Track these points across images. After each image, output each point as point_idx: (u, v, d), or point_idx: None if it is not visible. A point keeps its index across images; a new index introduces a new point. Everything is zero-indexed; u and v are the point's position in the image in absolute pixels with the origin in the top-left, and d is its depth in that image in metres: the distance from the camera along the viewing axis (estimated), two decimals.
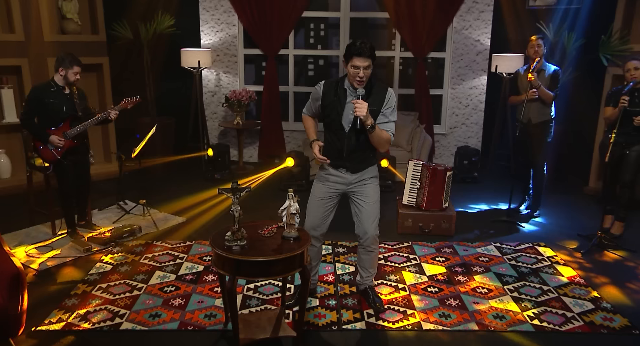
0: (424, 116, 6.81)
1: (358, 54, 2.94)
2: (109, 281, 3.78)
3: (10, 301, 2.67)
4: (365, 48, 2.94)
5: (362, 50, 2.93)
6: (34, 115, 4.29)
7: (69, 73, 4.22)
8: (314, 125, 3.35)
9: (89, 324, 3.23)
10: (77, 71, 4.24)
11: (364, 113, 2.94)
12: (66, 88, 4.32)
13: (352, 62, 2.97)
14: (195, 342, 3.07)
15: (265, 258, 2.70)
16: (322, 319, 3.32)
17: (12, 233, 4.62)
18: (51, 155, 4.31)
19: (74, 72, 4.22)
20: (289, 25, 6.66)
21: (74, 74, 4.23)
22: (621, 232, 4.74)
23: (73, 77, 4.25)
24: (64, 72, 4.22)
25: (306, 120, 3.38)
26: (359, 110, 2.93)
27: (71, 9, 5.94)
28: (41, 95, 4.24)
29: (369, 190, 3.28)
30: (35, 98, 4.24)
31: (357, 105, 2.94)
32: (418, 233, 4.72)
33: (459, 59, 6.84)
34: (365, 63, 2.95)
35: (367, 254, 3.42)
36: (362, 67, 2.96)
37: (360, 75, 2.97)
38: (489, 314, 3.42)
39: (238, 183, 2.78)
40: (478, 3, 6.66)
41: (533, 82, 4.77)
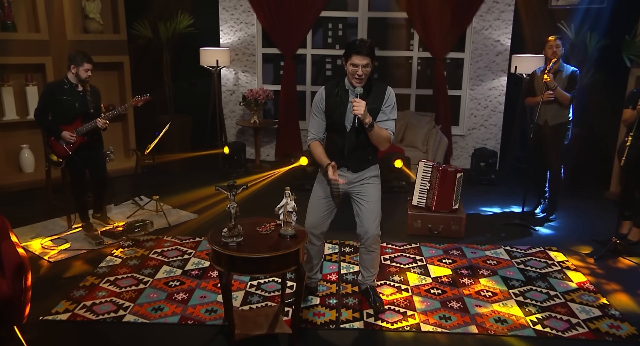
0: (442, 117, 6.74)
1: (357, 52, 2.96)
2: (117, 274, 3.87)
3: (14, 290, 2.76)
4: (364, 46, 2.95)
5: (360, 49, 2.95)
6: (47, 112, 4.42)
7: (80, 70, 4.32)
8: (323, 150, 3.24)
9: (94, 315, 3.31)
10: (87, 68, 4.34)
11: (362, 111, 2.95)
12: (79, 86, 4.43)
13: (351, 60, 2.99)
14: (194, 336, 3.12)
15: (260, 255, 2.73)
16: (320, 317, 3.34)
17: (30, 225, 4.78)
18: (63, 150, 4.43)
19: (84, 69, 4.32)
20: (306, 25, 6.69)
21: (84, 71, 4.33)
22: (639, 239, 4.61)
23: (84, 74, 4.35)
24: (75, 70, 4.33)
25: (315, 147, 3.23)
26: (357, 108, 2.94)
27: (94, 8, 6.09)
28: (54, 93, 4.36)
29: (370, 189, 3.28)
30: (48, 96, 4.37)
31: (355, 104, 2.95)
32: (427, 234, 4.68)
33: (478, 60, 6.75)
34: (363, 61, 2.96)
35: (369, 254, 3.42)
36: (360, 65, 2.97)
37: (358, 73, 2.98)
38: (490, 318, 3.38)
39: (235, 180, 2.82)
40: (499, 3, 6.56)
41: (549, 83, 4.68)
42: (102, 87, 6.30)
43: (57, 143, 4.43)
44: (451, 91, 6.89)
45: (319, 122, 3.22)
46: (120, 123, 6.55)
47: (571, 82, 4.78)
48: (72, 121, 4.42)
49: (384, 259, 4.20)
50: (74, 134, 4.38)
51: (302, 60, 7.05)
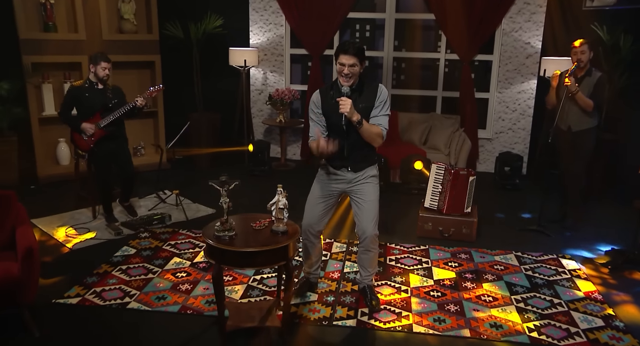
0: (468, 120, 6.66)
1: (344, 51, 3.04)
2: (130, 263, 4.06)
3: (23, 272, 2.97)
4: (351, 47, 3.05)
5: (347, 48, 3.03)
6: (70, 110, 4.71)
7: (98, 69, 4.56)
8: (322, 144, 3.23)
9: (101, 301, 3.50)
10: (105, 66, 4.57)
11: (348, 109, 3.00)
12: (99, 84, 4.66)
13: (339, 59, 3.07)
14: (190, 325, 3.25)
15: (248, 249, 2.83)
16: (315, 314, 3.40)
17: (59, 214, 5.06)
18: (85, 144, 4.68)
19: (102, 68, 4.56)
20: (333, 27, 6.75)
21: (102, 69, 4.57)
22: None
23: (102, 72, 4.58)
24: (94, 69, 4.58)
25: (314, 144, 3.24)
26: (342, 107, 3.01)
27: (128, 10, 6.37)
28: (76, 92, 4.65)
29: (368, 189, 3.33)
30: (70, 95, 4.68)
31: (341, 103, 3.02)
32: (438, 237, 4.66)
33: (507, 62, 6.63)
34: (350, 61, 3.03)
35: (366, 253, 3.46)
36: (347, 64, 3.04)
37: (345, 71, 3.06)
38: (486, 322, 3.35)
39: (228, 176, 2.93)
40: (530, 4, 6.43)
41: (570, 87, 4.57)
42: (135, 84, 6.64)
43: (80, 138, 4.68)
44: (479, 94, 6.79)
45: (318, 125, 3.28)
46: (151, 120, 6.81)
47: (598, 88, 4.64)
48: (92, 116, 4.66)
49: (389, 260, 4.23)
50: (93, 126, 4.62)
51: (330, 61, 7.11)
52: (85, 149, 4.72)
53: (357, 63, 3.07)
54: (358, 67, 3.09)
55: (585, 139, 4.78)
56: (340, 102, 3.04)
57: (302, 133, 7.25)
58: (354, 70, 3.08)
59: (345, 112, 3.02)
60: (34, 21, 5.98)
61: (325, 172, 3.36)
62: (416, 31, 7.03)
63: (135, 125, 6.68)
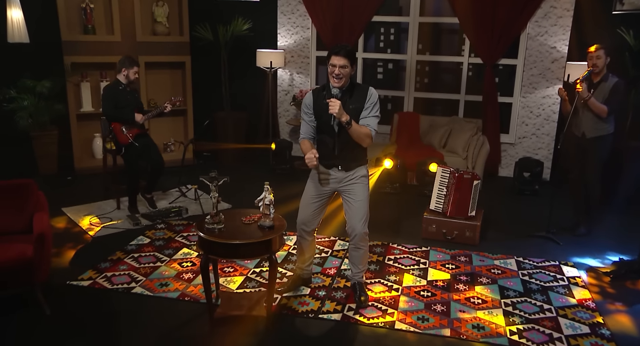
0: (490, 124, 6.64)
1: (335, 53, 3.20)
2: (142, 252, 4.35)
3: (36, 254, 3.27)
4: (342, 49, 3.20)
5: (338, 50, 3.19)
6: (114, 107, 5.03)
7: (130, 72, 4.89)
8: (311, 144, 3.45)
9: (110, 284, 3.79)
10: (136, 71, 4.92)
11: (336, 110, 3.14)
12: (128, 87, 5.00)
13: (330, 60, 3.22)
14: (185, 311, 3.48)
15: (233, 242, 3.03)
16: (304, 306, 3.56)
17: (87, 204, 5.43)
18: (125, 138, 5.02)
19: (133, 72, 4.90)
20: (358, 30, 6.88)
21: (133, 73, 4.91)
22: None
23: (133, 76, 4.93)
24: (126, 72, 4.90)
25: (304, 142, 3.45)
26: (332, 107, 3.15)
27: (161, 13, 6.73)
28: (112, 93, 4.98)
29: (358, 189, 3.45)
30: (109, 95, 5.00)
31: (331, 104, 3.16)
32: (441, 239, 4.72)
33: (531, 67, 6.57)
34: (340, 62, 3.17)
35: (356, 251, 3.59)
36: (338, 65, 3.18)
37: (335, 72, 3.20)
38: (469, 323, 3.42)
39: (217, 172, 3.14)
40: (556, 8, 6.34)
41: (581, 93, 4.53)
42: (167, 83, 7.01)
43: (120, 133, 5.02)
44: (503, 98, 6.76)
45: (308, 125, 3.44)
46: (181, 118, 7.15)
47: (613, 94, 4.58)
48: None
49: (387, 259, 4.33)
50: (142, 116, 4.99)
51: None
52: (125, 143, 5.06)
53: (347, 64, 3.21)
54: (349, 68, 3.23)
55: (600, 146, 4.72)
56: (330, 103, 3.18)
57: None
58: (345, 71, 3.22)
59: (334, 112, 3.17)
60: (75, 24, 6.42)
61: (318, 172, 3.51)
62: (440, 35, 7.06)
63: (166, 123, 7.05)
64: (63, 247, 4.43)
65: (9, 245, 3.36)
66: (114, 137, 5.10)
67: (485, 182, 6.50)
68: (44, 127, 6.39)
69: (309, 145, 3.42)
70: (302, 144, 3.45)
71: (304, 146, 3.43)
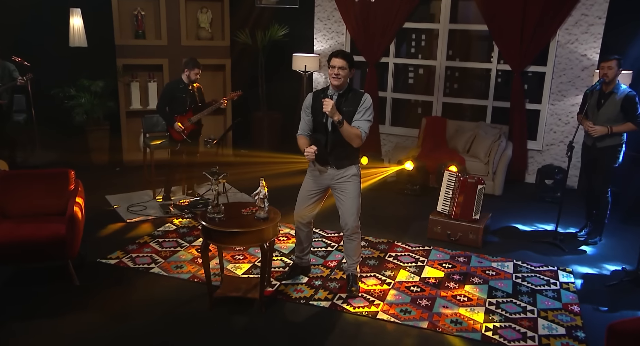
0: (516, 130, 6.71)
1: (335, 55, 3.54)
2: (166, 237, 4.84)
3: (68, 233, 3.80)
4: (341, 52, 3.55)
5: (337, 53, 3.54)
6: (166, 106, 5.54)
7: (191, 73, 5.39)
8: (307, 141, 3.77)
9: (132, 264, 4.29)
10: (197, 72, 5.42)
11: (328, 109, 3.46)
12: (190, 85, 5.50)
13: (331, 62, 3.55)
14: (191, 290, 3.91)
15: (228, 230, 3.42)
16: (298, 293, 3.91)
17: (128, 193, 6.01)
18: (179, 135, 5.54)
19: (194, 73, 5.40)
20: (389, 36, 7.12)
21: (195, 74, 5.41)
22: None
23: (194, 76, 5.42)
24: (188, 72, 5.41)
25: (300, 138, 3.78)
26: (325, 106, 3.47)
27: (205, 19, 7.26)
28: (172, 90, 5.48)
29: (350, 187, 3.75)
30: (166, 93, 5.51)
31: (324, 103, 3.48)
32: (446, 240, 4.92)
33: (561, 74, 6.57)
34: (339, 63, 3.50)
35: (350, 242, 3.90)
36: (337, 66, 3.51)
37: (335, 72, 3.52)
38: (448, 318, 3.64)
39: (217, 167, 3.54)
40: (587, 16, 6.32)
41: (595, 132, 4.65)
42: (208, 84, 7.51)
43: (173, 130, 5.55)
44: (531, 105, 6.80)
45: (306, 122, 3.78)
46: (221, 117, 7.66)
47: (627, 105, 4.61)
48: (185, 113, 5.52)
49: (388, 256, 4.59)
50: (182, 127, 5.46)
51: (385, 68, 7.49)
52: (179, 139, 5.58)
53: (345, 66, 3.52)
54: (347, 70, 3.54)
55: (610, 156, 4.77)
56: (324, 102, 3.51)
57: None
58: (343, 72, 3.53)
59: (327, 110, 3.49)
60: (127, 29, 7.05)
61: (313, 169, 3.84)
62: (470, 41, 7.17)
63: (206, 121, 7.56)
64: (100, 229, 4.99)
65: (46, 224, 3.91)
66: (169, 132, 5.61)
67: (509, 188, 6.60)
68: (97, 122, 7.08)
69: (305, 141, 3.76)
70: (299, 139, 3.80)
71: (300, 141, 3.78)
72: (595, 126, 4.70)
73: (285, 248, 4.67)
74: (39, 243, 3.77)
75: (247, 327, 3.51)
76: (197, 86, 5.61)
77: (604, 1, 6.22)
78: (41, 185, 4.24)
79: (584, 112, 4.87)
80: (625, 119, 4.63)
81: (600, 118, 4.74)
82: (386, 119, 7.67)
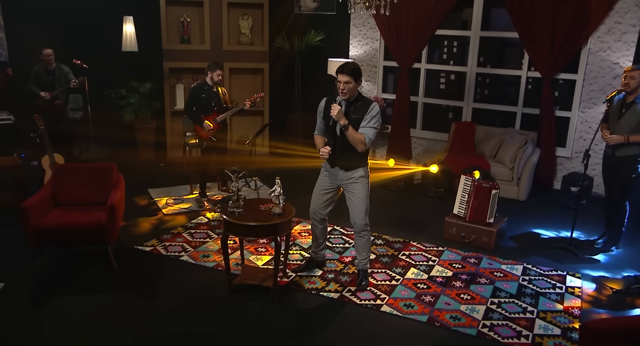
0: (545, 137, 6.76)
1: (340, 71, 3.80)
2: (198, 229, 5.26)
3: (108, 221, 4.26)
4: (346, 68, 3.79)
5: (342, 69, 3.79)
6: (193, 106, 5.99)
7: (214, 75, 5.80)
8: (322, 140, 4.11)
9: (165, 251, 4.73)
10: (219, 73, 5.80)
11: (335, 114, 3.76)
12: (214, 87, 5.91)
13: (337, 77, 3.82)
14: (215, 278, 4.29)
15: (245, 223, 3.78)
16: (311, 285, 4.22)
17: (167, 187, 6.50)
18: (205, 134, 5.99)
19: (217, 74, 5.79)
20: (421, 43, 7.31)
21: (217, 76, 5.80)
22: None
23: (217, 78, 5.82)
24: (210, 75, 5.82)
25: (316, 137, 4.14)
26: (332, 111, 3.78)
27: (245, 26, 7.69)
28: (197, 93, 5.92)
29: (358, 188, 4.03)
30: (193, 95, 5.94)
31: (332, 108, 3.77)
32: (460, 241, 5.10)
33: (592, 82, 6.58)
34: (344, 78, 3.77)
35: (359, 239, 4.18)
36: (342, 81, 3.78)
37: (340, 87, 3.81)
38: (448, 314, 3.86)
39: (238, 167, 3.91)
40: (621, 24, 6.31)
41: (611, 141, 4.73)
42: (248, 86, 7.96)
43: (201, 129, 6.00)
44: (561, 112, 6.83)
45: (320, 121, 4.09)
46: (259, 117, 8.07)
47: None
48: (211, 113, 5.95)
49: (402, 254, 4.83)
50: (211, 125, 5.87)
51: (417, 73, 7.68)
52: (205, 138, 6.03)
53: (351, 80, 3.80)
54: (352, 83, 3.82)
55: (628, 165, 4.82)
56: (332, 107, 3.81)
57: (388, 138, 7.92)
58: (348, 86, 3.81)
59: (333, 115, 3.79)
60: (174, 35, 7.57)
61: (325, 170, 4.14)
62: (501, 48, 7.26)
63: (245, 121, 8.01)
64: (140, 219, 5.48)
65: (90, 212, 4.40)
66: (197, 132, 6.07)
67: (536, 194, 6.68)
68: (144, 120, 7.64)
69: (321, 140, 4.09)
70: (316, 139, 4.13)
71: (316, 140, 4.11)
72: (611, 135, 4.77)
73: (306, 243, 4.99)
74: (82, 229, 4.25)
75: (260, 312, 3.86)
76: (223, 90, 5.99)
77: (639, 9, 6.20)
78: (89, 177, 4.75)
79: (605, 120, 4.94)
80: None
81: (620, 128, 4.79)
82: (417, 123, 7.87)
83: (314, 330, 3.66)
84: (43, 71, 6.74)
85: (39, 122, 5.70)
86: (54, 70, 6.77)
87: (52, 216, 4.36)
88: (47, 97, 6.67)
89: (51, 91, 6.70)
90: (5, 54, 7.48)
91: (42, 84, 6.72)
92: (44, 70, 6.74)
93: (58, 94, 6.78)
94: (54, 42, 6.97)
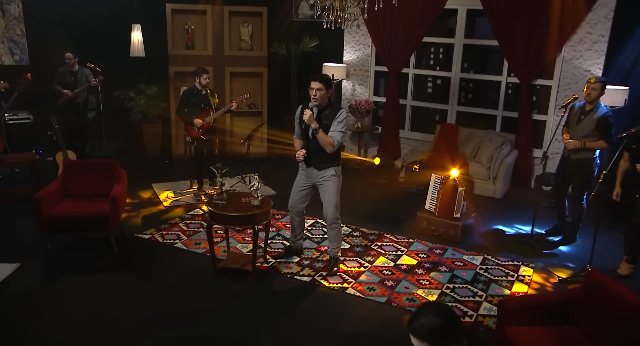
0: (522, 139, 7.20)
1: (313, 79, 4.32)
2: (193, 220, 5.82)
3: (110, 210, 4.84)
4: (318, 77, 4.31)
5: (315, 78, 4.31)
6: (184, 108, 6.53)
7: (201, 79, 6.37)
8: (300, 144, 4.61)
9: (162, 239, 5.30)
10: (205, 77, 6.37)
11: (306, 118, 4.28)
12: (203, 90, 6.48)
13: (310, 85, 4.33)
14: (203, 262, 4.84)
15: (226, 213, 4.32)
16: (287, 269, 4.75)
17: (170, 182, 7.08)
18: (196, 133, 6.55)
19: (204, 78, 6.36)
20: (409, 49, 7.78)
21: (204, 79, 6.37)
22: (628, 273, 4.80)
23: (204, 81, 6.39)
24: (199, 79, 6.39)
25: (295, 141, 4.66)
26: (304, 116, 4.29)
27: (246, 32, 8.25)
28: (187, 96, 6.49)
29: (329, 185, 4.55)
30: (183, 98, 6.52)
31: (304, 113, 4.29)
32: (430, 234, 5.59)
33: (566, 88, 7.00)
34: (316, 86, 4.28)
35: (331, 230, 4.70)
36: (315, 88, 4.29)
37: (312, 94, 4.31)
38: (404, 297, 4.36)
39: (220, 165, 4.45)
40: (592, 34, 6.72)
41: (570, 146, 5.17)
42: (247, 89, 8.49)
43: (191, 129, 6.57)
44: (539, 116, 7.26)
45: (297, 128, 4.61)
46: (258, 118, 8.62)
47: (601, 125, 5.04)
48: (201, 114, 6.52)
49: (375, 245, 5.34)
50: (201, 121, 6.42)
51: (406, 78, 8.15)
52: (196, 137, 6.61)
53: (322, 88, 4.31)
54: (324, 91, 4.33)
55: (583, 168, 5.24)
56: (304, 113, 4.33)
57: (378, 139, 8.41)
58: (320, 93, 4.33)
59: (305, 119, 4.31)
60: (179, 41, 8.15)
61: (301, 168, 4.67)
62: (483, 55, 7.70)
63: (245, 122, 8.56)
64: (142, 210, 6.06)
65: (95, 203, 4.98)
66: (187, 132, 6.63)
67: (514, 192, 7.11)
68: (151, 121, 8.24)
69: (299, 143, 4.60)
70: (295, 142, 4.65)
71: (295, 143, 4.63)
72: (570, 139, 5.20)
73: (289, 234, 5.50)
74: (88, 217, 4.84)
75: (240, 292, 4.40)
76: (210, 90, 6.54)
77: (607, 21, 6.60)
78: (95, 172, 5.34)
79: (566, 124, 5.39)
80: (599, 137, 5.09)
81: (577, 133, 5.22)
82: (406, 125, 8.35)
83: (285, 308, 4.19)
84: (67, 72, 7.35)
85: (53, 121, 6.30)
86: (76, 72, 7.37)
87: (62, 206, 4.95)
88: (70, 95, 7.27)
89: (73, 90, 7.31)
90: (27, 58, 8.12)
91: (66, 83, 7.31)
92: (68, 71, 7.35)
93: (79, 93, 7.39)
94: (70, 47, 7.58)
